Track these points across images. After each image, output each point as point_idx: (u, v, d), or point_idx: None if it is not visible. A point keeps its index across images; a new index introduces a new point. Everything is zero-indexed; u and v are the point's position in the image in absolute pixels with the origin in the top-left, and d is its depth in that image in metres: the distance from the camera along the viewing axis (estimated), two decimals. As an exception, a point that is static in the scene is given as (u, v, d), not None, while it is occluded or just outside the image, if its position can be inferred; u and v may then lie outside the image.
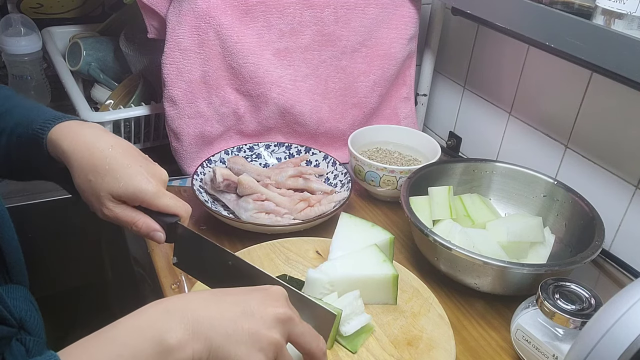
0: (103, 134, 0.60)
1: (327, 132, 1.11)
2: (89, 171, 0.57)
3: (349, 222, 0.79)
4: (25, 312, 0.58)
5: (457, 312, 0.77)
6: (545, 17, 0.80)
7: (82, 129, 0.60)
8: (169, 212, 0.60)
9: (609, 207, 0.86)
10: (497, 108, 1.08)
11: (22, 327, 0.57)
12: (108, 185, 0.57)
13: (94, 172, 0.57)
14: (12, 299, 0.58)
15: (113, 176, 0.57)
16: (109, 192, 0.57)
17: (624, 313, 0.43)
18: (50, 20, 1.26)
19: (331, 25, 1.02)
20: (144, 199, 0.58)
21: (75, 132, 0.59)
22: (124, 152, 0.59)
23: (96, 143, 0.58)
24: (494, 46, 1.07)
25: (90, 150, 0.58)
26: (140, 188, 0.57)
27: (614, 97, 0.85)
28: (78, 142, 0.58)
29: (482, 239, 0.79)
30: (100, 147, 0.58)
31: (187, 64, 0.95)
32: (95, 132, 0.60)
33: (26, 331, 0.57)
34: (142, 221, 0.59)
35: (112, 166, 0.57)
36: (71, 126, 0.60)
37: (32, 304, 0.61)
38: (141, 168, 0.59)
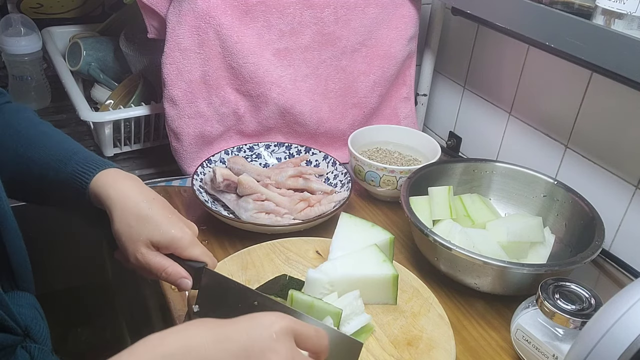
0: (144, 187, 0.65)
1: (327, 132, 1.11)
2: (131, 218, 0.61)
3: (349, 222, 0.79)
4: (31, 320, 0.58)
5: (457, 312, 0.77)
6: (545, 17, 0.80)
7: (127, 180, 0.64)
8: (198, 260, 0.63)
9: (609, 207, 0.86)
10: (497, 108, 1.08)
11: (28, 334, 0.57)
12: (148, 232, 0.61)
13: (136, 219, 0.61)
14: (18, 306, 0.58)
15: (154, 224, 0.61)
16: (148, 238, 0.61)
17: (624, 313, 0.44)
18: (50, 20, 1.26)
19: (331, 25, 1.02)
20: (179, 246, 0.62)
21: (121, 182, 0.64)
22: (163, 205, 0.64)
23: (140, 194, 0.63)
24: (494, 46, 1.07)
25: (134, 199, 0.62)
26: (177, 236, 0.62)
27: (614, 97, 0.85)
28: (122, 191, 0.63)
29: (482, 239, 0.79)
30: (143, 198, 0.63)
31: (187, 64, 0.95)
32: (136, 184, 0.65)
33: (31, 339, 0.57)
34: (172, 268, 0.62)
35: (153, 215, 0.61)
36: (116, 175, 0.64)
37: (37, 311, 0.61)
38: (179, 220, 0.64)
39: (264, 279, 0.75)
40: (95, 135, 1.10)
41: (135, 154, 1.11)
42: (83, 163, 0.64)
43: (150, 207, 0.62)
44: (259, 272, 0.76)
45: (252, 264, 0.78)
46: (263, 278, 0.75)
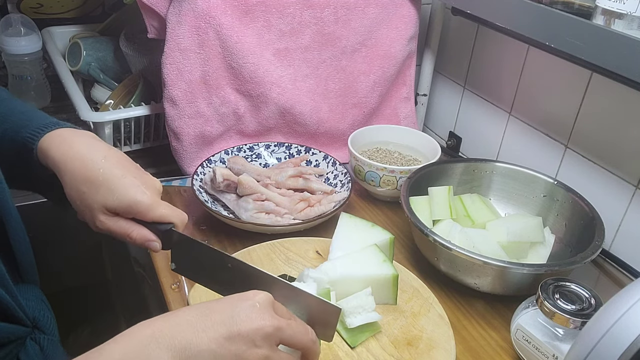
0: (96, 143, 0.59)
1: (327, 132, 1.11)
2: (81, 183, 0.56)
3: (349, 222, 0.79)
4: (38, 311, 0.58)
5: (457, 312, 0.77)
6: (545, 17, 0.80)
7: (75, 138, 0.58)
8: (165, 222, 0.58)
9: (609, 207, 0.86)
10: (497, 108, 1.08)
11: (36, 326, 0.57)
12: (102, 198, 0.56)
13: (87, 184, 0.56)
14: (25, 298, 0.57)
15: (107, 188, 0.55)
16: (103, 205, 0.56)
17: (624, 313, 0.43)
18: (50, 20, 1.26)
19: (331, 25, 1.02)
20: (139, 211, 0.57)
21: (68, 141, 0.58)
22: (118, 162, 0.58)
23: (89, 154, 0.57)
24: (494, 46, 1.07)
25: (82, 161, 0.56)
26: (136, 200, 0.56)
27: (614, 97, 0.85)
28: (70, 152, 0.57)
29: (482, 239, 0.79)
30: (93, 158, 0.56)
31: (187, 64, 0.95)
32: (87, 141, 0.59)
33: (40, 330, 0.57)
34: (137, 232, 0.57)
35: (105, 178, 0.56)
36: (63, 135, 0.59)
37: (44, 302, 0.61)
38: (135, 179, 0.57)
39: (264, 279, 0.75)
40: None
41: (135, 154, 1.11)
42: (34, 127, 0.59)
43: (102, 168, 0.56)
44: (259, 272, 0.76)
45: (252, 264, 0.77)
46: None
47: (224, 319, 0.47)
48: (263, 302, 0.50)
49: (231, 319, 0.47)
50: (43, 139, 0.58)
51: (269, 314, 0.49)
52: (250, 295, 0.50)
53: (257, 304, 0.49)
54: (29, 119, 0.61)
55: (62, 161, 0.56)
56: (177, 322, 0.47)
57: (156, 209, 0.57)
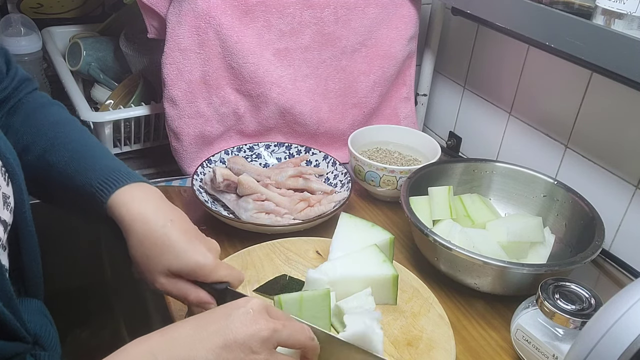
0: (163, 206, 0.60)
1: (327, 132, 1.11)
2: (147, 247, 0.57)
3: (349, 222, 0.79)
4: (40, 327, 0.57)
5: (457, 312, 0.77)
6: (545, 17, 0.80)
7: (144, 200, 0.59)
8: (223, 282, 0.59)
9: (609, 207, 0.86)
10: (497, 108, 1.08)
11: (37, 342, 0.57)
12: (167, 262, 0.57)
13: (153, 248, 0.57)
14: (28, 313, 0.57)
15: (173, 253, 0.57)
16: (167, 268, 0.57)
17: (624, 313, 0.43)
18: (50, 20, 1.26)
19: (331, 25, 1.02)
20: (202, 274, 0.58)
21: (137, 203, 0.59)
22: (183, 226, 0.59)
23: (157, 218, 0.58)
24: (494, 46, 1.07)
25: (150, 225, 0.57)
26: (200, 264, 0.57)
27: (614, 97, 0.85)
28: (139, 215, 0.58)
29: (482, 239, 0.79)
30: (161, 222, 0.58)
31: (187, 64, 0.95)
32: (156, 204, 0.60)
33: (41, 346, 0.57)
34: (194, 295, 0.58)
35: (172, 242, 0.57)
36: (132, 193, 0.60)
37: (46, 317, 0.61)
38: (200, 244, 0.59)
39: (264, 279, 0.75)
40: (95, 135, 1.10)
41: (135, 154, 1.11)
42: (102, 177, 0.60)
43: (168, 233, 0.57)
44: (259, 272, 0.76)
45: (252, 264, 0.77)
46: (263, 278, 0.75)
47: (219, 328, 0.48)
48: (256, 308, 0.50)
49: (226, 327, 0.48)
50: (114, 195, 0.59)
51: (263, 318, 0.49)
52: (242, 302, 0.51)
53: (250, 310, 0.49)
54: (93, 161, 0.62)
55: (130, 223, 0.58)
56: (174, 337, 0.47)
57: (217, 271, 0.58)
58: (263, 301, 0.51)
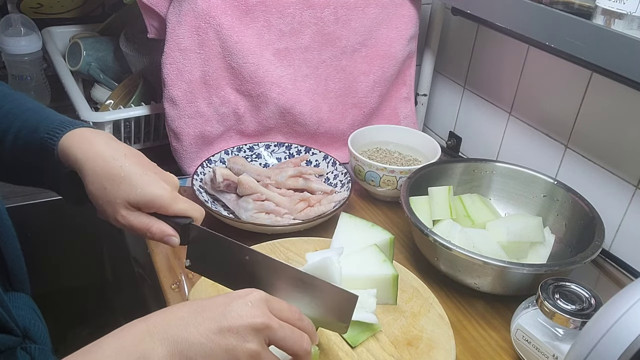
0: (115, 142, 0.61)
1: (327, 132, 1.11)
2: (104, 179, 0.57)
3: (349, 222, 0.79)
4: (29, 321, 0.58)
5: (457, 312, 0.77)
6: (545, 17, 0.80)
7: (95, 138, 0.60)
8: (184, 216, 0.60)
9: (609, 207, 0.86)
10: (497, 108, 1.08)
11: (27, 335, 0.57)
12: (124, 193, 0.57)
13: (109, 180, 0.57)
14: (15, 307, 0.57)
15: (129, 184, 0.57)
16: (125, 200, 0.57)
17: (624, 313, 0.43)
18: (50, 20, 1.26)
19: (331, 25, 1.02)
20: (160, 205, 0.58)
21: (88, 140, 0.59)
22: (137, 160, 0.60)
23: (110, 152, 0.59)
24: (494, 46, 1.07)
25: (104, 158, 0.58)
26: (157, 194, 0.58)
27: (614, 97, 0.85)
28: (92, 151, 0.58)
29: (482, 239, 0.79)
30: (114, 155, 0.58)
31: (187, 64, 0.95)
32: (107, 140, 0.60)
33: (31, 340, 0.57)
34: (156, 227, 0.59)
35: (127, 174, 0.57)
36: (83, 134, 0.60)
37: (35, 311, 0.61)
38: (155, 175, 0.59)
39: (264, 279, 0.75)
40: (95, 135, 1.10)
41: (135, 154, 1.11)
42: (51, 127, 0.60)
43: (123, 166, 0.58)
44: (259, 272, 0.76)
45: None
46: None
47: (215, 315, 0.48)
48: (255, 300, 0.50)
49: (222, 315, 0.48)
50: (63, 138, 0.59)
51: (261, 311, 0.50)
52: (242, 293, 0.51)
53: (249, 302, 0.50)
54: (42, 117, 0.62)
55: (84, 159, 0.58)
56: (171, 318, 0.48)
57: (176, 203, 0.59)
58: (267, 295, 0.52)
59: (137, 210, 0.59)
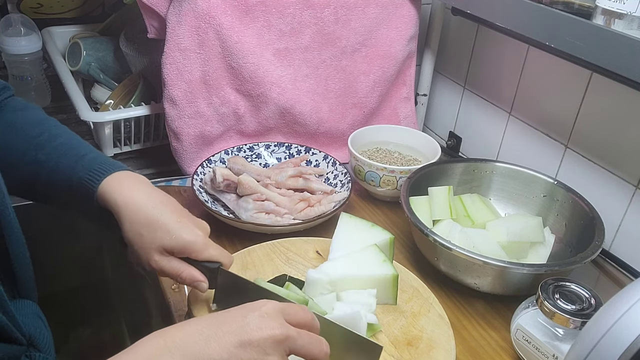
0: (152, 190, 0.63)
1: (327, 132, 1.11)
2: (142, 226, 0.60)
3: (349, 222, 0.79)
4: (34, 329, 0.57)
5: (457, 312, 0.77)
6: (545, 17, 0.80)
7: (134, 185, 0.63)
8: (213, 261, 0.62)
9: (609, 207, 0.86)
10: (497, 108, 1.08)
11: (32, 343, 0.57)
12: (160, 239, 0.60)
13: (146, 228, 0.60)
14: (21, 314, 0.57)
15: (165, 230, 0.60)
16: (160, 245, 0.60)
17: (624, 313, 0.43)
18: (50, 20, 1.26)
19: (331, 25, 1.02)
20: (194, 250, 0.61)
21: (127, 186, 0.62)
22: (173, 207, 0.62)
23: (148, 199, 0.61)
24: (494, 46, 1.07)
25: (142, 206, 0.61)
26: (191, 240, 0.60)
27: (614, 97, 0.85)
28: (130, 198, 0.61)
29: (482, 239, 0.79)
30: (152, 203, 0.61)
31: (187, 64, 0.95)
32: (145, 188, 0.63)
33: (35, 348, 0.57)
34: (187, 272, 0.61)
35: (163, 221, 0.60)
36: (122, 180, 0.63)
37: (41, 319, 0.61)
38: (190, 223, 0.62)
39: (264, 279, 0.75)
40: (95, 135, 1.10)
41: (135, 154, 1.11)
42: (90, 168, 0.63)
43: (160, 213, 0.60)
44: (259, 272, 0.76)
45: (252, 264, 0.77)
46: (263, 278, 0.75)
47: (234, 329, 0.48)
48: (272, 311, 0.50)
49: (241, 328, 0.48)
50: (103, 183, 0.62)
51: (279, 322, 0.50)
52: (258, 305, 0.51)
53: (265, 313, 0.50)
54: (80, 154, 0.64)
55: (123, 206, 0.61)
56: (189, 332, 0.48)
57: (208, 249, 0.62)
58: (279, 304, 0.52)
59: (170, 255, 0.61)
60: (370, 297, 0.69)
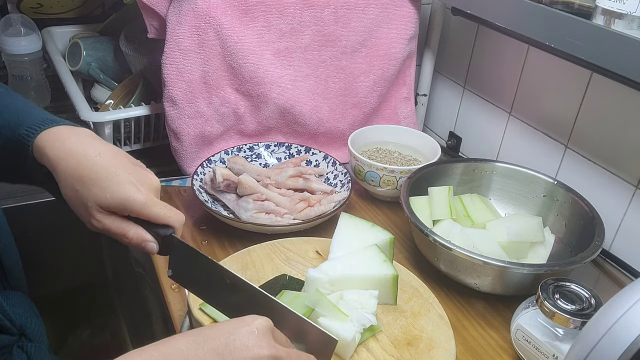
0: (90, 140, 0.57)
1: (327, 132, 1.11)
2: (75, 181, 0.54)
3: (349, 222, 0.79)
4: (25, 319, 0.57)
5: (457, 312, 0.77)
6: (545, 17, 0.80)
7: (69, 136, 0.56)
8: (161, 222, 0.56)
9: (609, 207, 0.86)
10: (497, 108, 1.08)
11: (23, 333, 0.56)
12: (95, 196, 0.54)
13: (80, 182, 0.54)
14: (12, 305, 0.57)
15: (100, 186, 0.54)
16: (97, 203, 0.54)
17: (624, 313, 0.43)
18: (50, 20, 1.26)
19: (331, 25, 1.02)
20: (133, 208, 0.55)
21: (62, 139, 0.56)
22: (113, 159, 0.56)
23: (83, 151, 0.55)
24: (494, 46, 1.07)
25: (76, 159, 0.55)
26: (128, 197, 0.54)
27: (614, 97, 0.85)
28: (64, 150, 0.55)
29: (482, 239, 0.79)
30: (87, 155, 0.55)
31: (187, 64, 0.95)
32: (82, 139, 0.57)
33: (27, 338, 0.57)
34: (133, 232, 0.55)
35: (99, 175, 0.54)
36: (58, 132, 0.57)
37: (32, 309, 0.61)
38: (130, 176, 0.55)
39: (264, 279, 0.75)
40: (95, 135, 1.10)
41: (135, 154, 1.10)
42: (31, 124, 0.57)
43: (95, 165, 0.54)
44: (259, 272, 0.76)
45: (252, 264, 0.77)
46: (263, 278, 0.75)
47: (218, 346, 0.45)
48: (262, 329, 0.47)
49: (226, 347, 0.45)
50: (39, 137, 0.56)
51: (267, 341, 0.46)
52: (248, 320, 0.48)
53: (255, 330, 0.47)
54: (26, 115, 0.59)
55: (56, 159, 0.55)
56: (169, 352, 0.45)
57: (151, 207, 0.55)
58: (269, 322, 0.49)
59: (112, 214, 0.55)
60: (371, 298, 0.69)
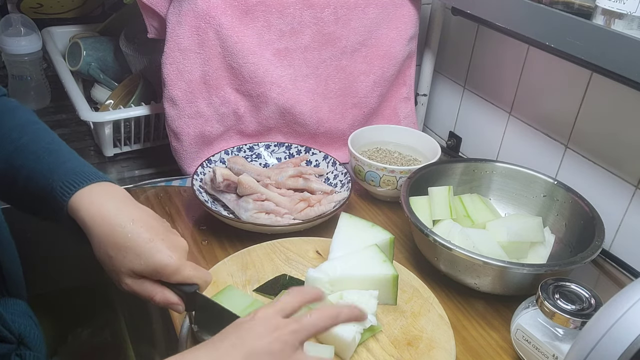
0: (124, 206, 0.59)
1: (327, 132, 1.11)
2: (109, 247, 0.56)
3: (349, 222, 0.79)
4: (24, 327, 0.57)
5: (457, 312, 0.77)
6: (545, 17, 0.80)
7: (104, 200, 0.58)
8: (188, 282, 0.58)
9: (609, 207, 0.86)
10: (497, 108, 1.08)
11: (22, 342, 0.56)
12: (129, 263, 0.56)
13: (114, 249, 0.56)
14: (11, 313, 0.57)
15: (134, 253, 0.55)
16: (130, 269, 0.56)
17: (624, 313, 0.43)
18: (50, 20, 1.26)
19: (331, 25, 1.02)
20: (166, 274, 0.57)
21: (97, 203, 0.57)
22: (146, 225, 0.57)
23: (117, 217, 0.57)
24: (494, 46, 1.07)
25: (111, 225, 0.56)
26: (162, 264, 0.56)
27: (614, 97, 0.85)
28: (99, 216, 0.57)
29: (482, 239, 0.79)
30: (121, 222, 0.56)
31: (187, 64, 0.95)
32: (117, 204, 0.58)
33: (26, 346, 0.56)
34: (160, 295, 0.57)
35: (133, 243, 0.56)
36: (93, 194, 0.58)
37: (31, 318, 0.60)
38: (163, 242, 0.57)
39: (264, 279, 0.75)
40: (95, 135, 1.10)
41: (135, 154, 1.11)
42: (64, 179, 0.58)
43: (130, 233, 0.56)
44: (259, 272, 0.76)
45: (252, 264, 0.78)
46: (263, 278, 0.75)
47: (234, 342, 0.47)
48: (264, 315, 0.49)
49: (240, 339, 0.47)
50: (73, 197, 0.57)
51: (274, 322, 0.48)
52: (248, 317, 0.50)
53: (257, 319, 0.49)
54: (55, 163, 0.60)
55: (91, 224, 0.56)
56: None
57: (182, 271, 0.57)
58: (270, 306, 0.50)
59: (142, 278, 0.57)
60: (371, 298, 0.69)
